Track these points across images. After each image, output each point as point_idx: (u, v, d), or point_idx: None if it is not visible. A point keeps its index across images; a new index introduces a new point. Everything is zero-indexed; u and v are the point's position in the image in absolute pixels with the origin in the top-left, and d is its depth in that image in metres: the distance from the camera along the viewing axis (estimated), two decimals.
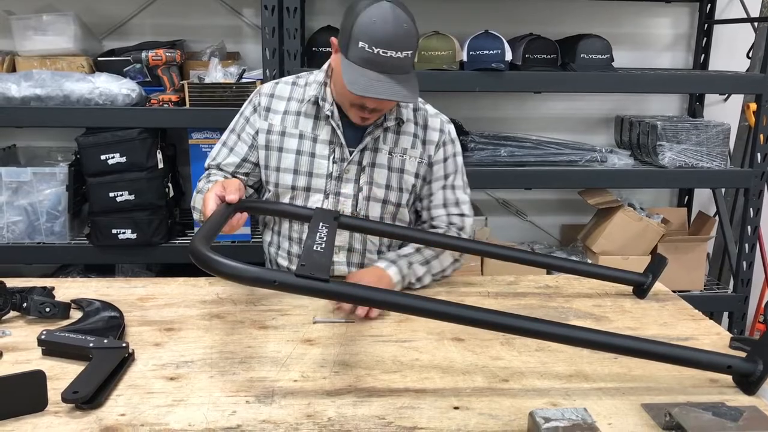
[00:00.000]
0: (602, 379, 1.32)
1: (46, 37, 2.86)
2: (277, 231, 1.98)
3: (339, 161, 1.86)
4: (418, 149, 1.90)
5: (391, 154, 1.88)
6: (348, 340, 1.48)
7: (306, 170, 1.87)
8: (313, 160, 1.86)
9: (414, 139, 1.90)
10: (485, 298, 1.76)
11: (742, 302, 3.13)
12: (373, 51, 1.62)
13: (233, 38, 3.20)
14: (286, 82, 1.94)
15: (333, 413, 1.18)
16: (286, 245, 1.95)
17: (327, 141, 1.86)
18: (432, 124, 1.93)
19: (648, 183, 3.10)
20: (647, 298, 1.78)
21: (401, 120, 1.88)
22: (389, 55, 1.63)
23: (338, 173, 1.86)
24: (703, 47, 3.35)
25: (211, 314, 1.61)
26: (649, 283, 1.78)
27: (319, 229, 1.50)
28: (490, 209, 3.43)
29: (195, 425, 1.13)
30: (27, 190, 2.79)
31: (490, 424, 1.15)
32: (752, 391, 1.28)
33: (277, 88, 1.92)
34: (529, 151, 3.00)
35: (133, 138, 2.72)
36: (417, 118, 1.92)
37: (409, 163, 1.89)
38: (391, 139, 1.88)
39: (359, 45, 1.63)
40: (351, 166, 1.86)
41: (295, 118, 1.88)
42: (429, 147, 1.91)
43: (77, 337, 1.35)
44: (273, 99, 1.91)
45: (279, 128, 1.88)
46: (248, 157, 1.91)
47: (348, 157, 1.85)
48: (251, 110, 1.92)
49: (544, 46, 2.93)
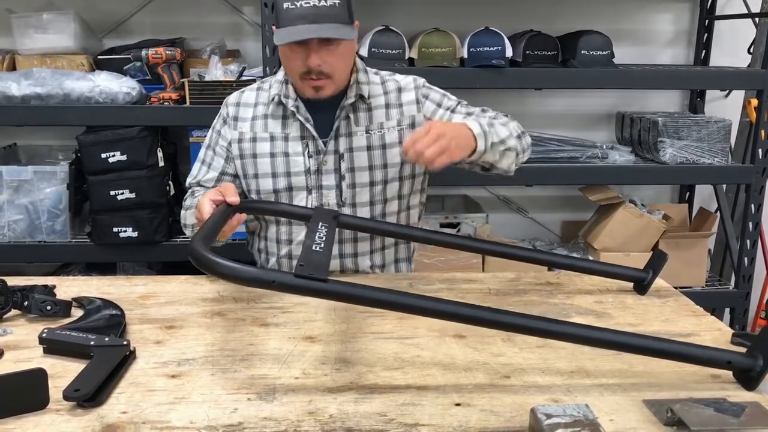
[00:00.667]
0: (604, 375, 1.32)
1: (47, 35, 2.87)
2: (264, 236, 1.96)
3: (314, 155, 1.85)
4: (394, 118, 1.88)
5: (369, 132, 1.86)
6: (349, 337, 1.48)
7: (284, 171, 1.86)
8: (289, 159, 1.85)
9: (387, 110, 1.88)
10: (486, 295, 1.75)
11: (744, 298, 3.12)
12: (296, 5, 1.66)
13: (233, 36, 3.21)
14: (251, 89, 1.95)
15: (334, 410, 1.18)
16: (274, 249, 1.94)
17: (298, 137, 1.85)
18: (405, 85, 1.92)
19: (649, 179, 3.10)
20: (648, 294, 1.77)
21: (362, 96, 1.85)
22: (312, 4, 1.66)
23: (316, 167, 1.85)
24: (704, 43, 3.34)
25: (213, 312, 1.61)
26: (649, 279, 1.78)
27: (318, 229, 1.50)
28: (491, 206, 3.43)
29: (196, 423, 1.13)
30: (28, 189, 2.79)
31: (491, 421, 1.15)
32: (752, 387, 1.28)
33: (243, 96, 1.93)
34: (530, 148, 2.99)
35: (133, 136, 2.73)
36: (387, 88, 1.91)
37: (389, 135, 1.87)
38: (364, 117, 1.87)
39: (284, 7, 1.68)
40: (328, 157, 1.85)
41: (264, 122, 1.88)
42: (408, 108, 1.90)
43: (78, 336, 1.35)
44: (240, 107, 1.91)
45: (249, 135, 1.88)
46: (226, 170, 1.91)
47: (323, 148, 1.84)
48: (221, 123, 1.93)
49: (545, 43, 2.93)
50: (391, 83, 1.92)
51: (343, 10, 1.70)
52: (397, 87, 1.91)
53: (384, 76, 1.94)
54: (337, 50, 1.73)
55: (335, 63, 1.75)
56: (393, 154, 1.88)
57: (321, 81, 1.75)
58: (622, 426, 1.14)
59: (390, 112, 1.88)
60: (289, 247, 1.91)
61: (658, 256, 1.82)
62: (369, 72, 1.92)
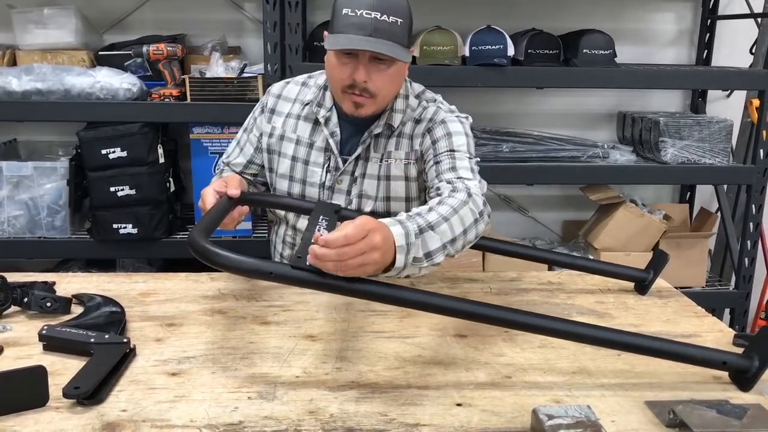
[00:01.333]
0: (605, 376, 1.32)
1: (47, 31, 2.86)
2: (276, 231, 1.97)
3: (333, 170, 1.81)
4: (403, 150, 1.78)
5: (381, 161, 1.79)
6: (350, 336, 1.47)
7: (300, 178, 1.83)
8: (307, 168, 1.82)
9: (399, 139, 1.78)
10: (487, 295, 1.75)
11: (744, 299, 3.12)
12: (356, 13, 1.57)
13: (234, 32, 3.20)
14: (296, 82, 1.89)
15: (335, 409, 1.18)
16: (280, 248, 1.95)
17: (323, 148, 1.81)
18: (425, 115, 1.79)
19: (650, 179, 3.09)
20: (650, 295, 1.77)
21: (391, 126, 1.77)
22: (372, 16, 1.57)
23: (331, 183, 1.81)
24: (705, 43, 3.33)
25: (213, 310, 1.61)
26: (650, 279, 1.78)
27: (318, 222, 1.50)
28: (491, 205, 3.37)
29: (197, 421, 1.13)
30: (28, 185, 2.78)
31: (492, 421, 1.15)
32: (748, 388, 1.28)
33: (286, 89, 1.89)
34: (531, 147, 2.99)
35: (134, 132, 2.72)
36: (417, 115, 1.79)
37: (395, 167, 1.79)
38: (382, 144, 1.79)
39: (342, 13, 1.60)
40: (344, 177, 1.81)
41: (295, 122, 1.84)
42: (416, 141, 1.78)
43: (78, 333, 1.35)
44: (279, 100, 1.87)
45: (279, 132, 1.85)
46: (254, 159, 1.90)
47: (341, 167, 1.80)
48: (260, 111, 1.90)
49: (547, 42, 2.92)
50: (421, 111, 1.79)
51: (404, 31, 1.62)
52: (419, 117, 1.79)
53: (427, 103, 1.81)
54: (388, 70, 1.64)
55: (382, 83, 1.65)
56: (397, 188, 1.80)
57: (363, 98, 1.66)
58: (623, 427, 1.14)
59: (401, 141, 1.79)
60: (292, 252, 1.91)
61: (659, 257, 1.82)
62: (410, 97, 1.80)
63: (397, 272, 1.29)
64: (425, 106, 1.80)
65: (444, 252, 1.37)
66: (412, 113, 1.79)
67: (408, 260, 1.29)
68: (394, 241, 1.26)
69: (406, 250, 1.28)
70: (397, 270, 1.28)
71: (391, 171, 1.79)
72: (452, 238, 1.39)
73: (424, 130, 1.77)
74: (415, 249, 1.30)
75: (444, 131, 1.74)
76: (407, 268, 1.30)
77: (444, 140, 1.73)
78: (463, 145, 1.72)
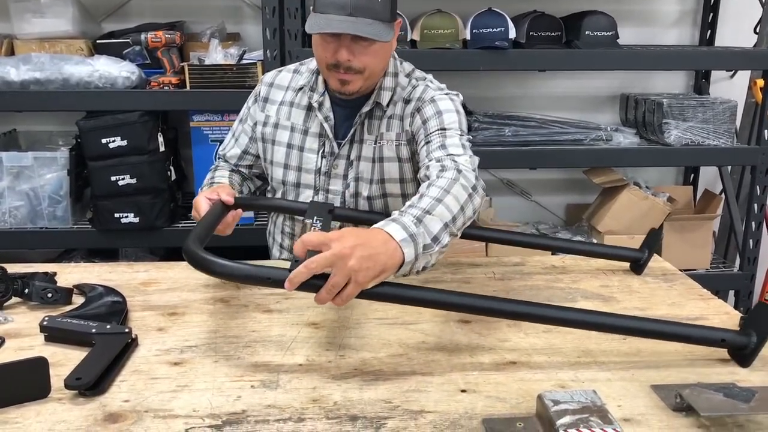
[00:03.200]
0: (611, 360, 1.31)
1: (45, 19, 2.84)
2: (273, 220, 1.97)
3: (328, 156, 1.79)
4: (393, 131, 1.76)
5: (375, 143, 1.78)
6: (353, 323, 1.46)
7: (296, 165, 1.82)
8: (302, 155, 1.81)
9: (390, 120, 1.76)
10: (491, 280, 1.74)
11: (749, 280, 3.11)
12: None
13: (233, 19, 3.17)
14: (288, 69, 1.89)
15: (339, 397, 1.17)
16: (279, 238, 1.95)
17: (317, 134, 1.80)
18: (414, 95, 1.76)
19: (654, 161, 3.07)
20: (655, 277, 1.76)
21: (379, 104, 1.75)
22: None
23: (327, 168, 1.80)
24: (709, 23, 3.30)
25: (215, 298, 1.60)
26: (645, 258, 1.78)
27: (314, 224, 1.50)
28: (494, 189, 3.41)
29: (199, 411, 1.12)
30: (28, 175, 2.77)
31: (497, 407, 1.14)
32: (747, 364, 1.28)
33: (278, 77, 1.88)
34: (534, 131, 2.97)
35: (133, 121, 2.70)
36: (407, 95, 1.76)
37: (387, 148, 1.77)
38: (375, 126, 1.77)
39: None
40: (339, 161, 1.79)
41: (289, 110, 1.83)
42: (405, 121, 1.75)
43: (80, 323, 1.34)
44: (272, 89, 1.86)
45: (273, 120, 1.84)
46: (248, 149, 1.90)
47: (336, 151, 1.79)
48: (253, 100, 1.90)
49: (548, 24, 2.90)
50: (411, 89, 1.77)
51: (385, 6, 1.60)
52: (409, 96, 1.77)
53: (416, 81, 1.79)
54: (371, 48, 1.62)
55: (367, 61, 1.64)
56: (389, 170, 1.79)
57: (348, 75, 1.65)
58: (630, 412, 1.13)
59: (391, 122, 1.77)
60: (291, 242, 1.90)
61: (653, 235, 1.83)
62: (400, 75, 1.78)
63: (410, 266, 1.25)
64: (414, 84, 1.78)
65: (447, 232, 1.34)
66: (402, 92, 1.77)
67: (418, 251, 1.25)
68: (393, 238, 1.23)
69: (412, 241, 1.24)
70: (410, 263, 1.24)
71: (384, 153, 1.78)
72: (452, 217, 1.36)
73: (413, 109, 1.75)
74: (422, 237, 1.27)
75: (434, 110, 1.71)
76: (420, 260, 1.27)
77: (434, 119, 1.70)
78: (453, 122, 1.69)
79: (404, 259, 1.23)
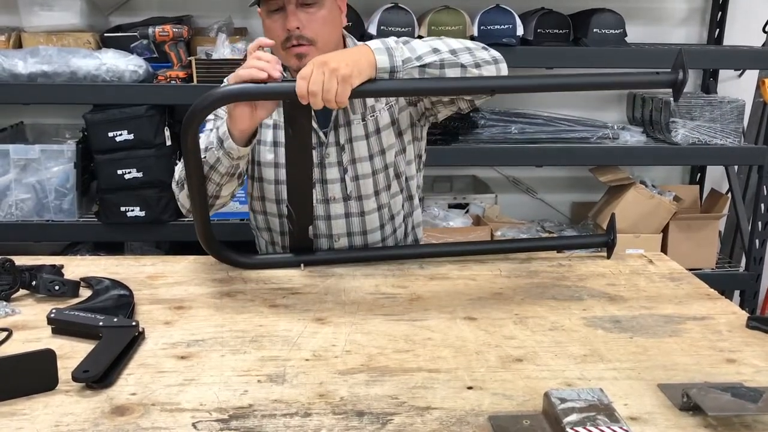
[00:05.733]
0: (617, 359, 1.31)
1: (53, 12, 2.84)
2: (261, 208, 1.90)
3: (317, 146, 1.77)
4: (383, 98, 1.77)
5: (364, 119, 1.77)
6: (359, 318, 1.46)
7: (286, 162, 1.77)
8: None
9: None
10: (498, 277, 1.74)
11: (755, 280, 3.11)
12: None
13: (241, 13, 3.17)
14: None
15: (345, 393, 1.17)
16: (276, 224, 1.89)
17: None
18: None
19: (660, 160, 3.07)
20: (661, 276, 1.75)
21: None
22: None
23: (319, 159, 1.77)
24: (717, 21, 3.29)
25: (222, 293, 1.60)
26: (612, 239, 1.87)
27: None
28: (500, 187, 3.41)
29: (206, 405, 1.12)
30: (35, 168, 2.78)
31: (504, 405, 1.14)
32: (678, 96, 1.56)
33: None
34: (540, 128, 2.97)
35: (140, 115, 2.71)
36: None
37: (381, 117, 1.77)
38: (359, 104, 1.77)
39: None
40: (330, 149, 1.78)
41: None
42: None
43: (87, 316, 1.34)
44: None
45: None
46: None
47: (324, 140, 1.77)
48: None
49: (556, 21, 2.89)
50: None
51: None
52: None
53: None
54: (318, 13, 1.64)
55: (317, 28, 1.65)
56: (389, 137, 1.80)
57: (303, 48, 1.64)
58: (637, 410, 1.12)
59: None
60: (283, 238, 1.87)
61: (611, 220, 1.92)
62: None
63: (386, 72, 1.45)
64: None
65: (436, 56, 1.51)
66: None
67: (394, 62, 1.46)
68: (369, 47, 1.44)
69: (387, 53, 1.45)
70: (384, 69, 1.45)
71: (380, 123, 1.78)
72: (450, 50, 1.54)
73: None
74: (399, 52, 1.47)
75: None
76: (400, 71, 1.47)
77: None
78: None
79: (377, 64, 1.44)
